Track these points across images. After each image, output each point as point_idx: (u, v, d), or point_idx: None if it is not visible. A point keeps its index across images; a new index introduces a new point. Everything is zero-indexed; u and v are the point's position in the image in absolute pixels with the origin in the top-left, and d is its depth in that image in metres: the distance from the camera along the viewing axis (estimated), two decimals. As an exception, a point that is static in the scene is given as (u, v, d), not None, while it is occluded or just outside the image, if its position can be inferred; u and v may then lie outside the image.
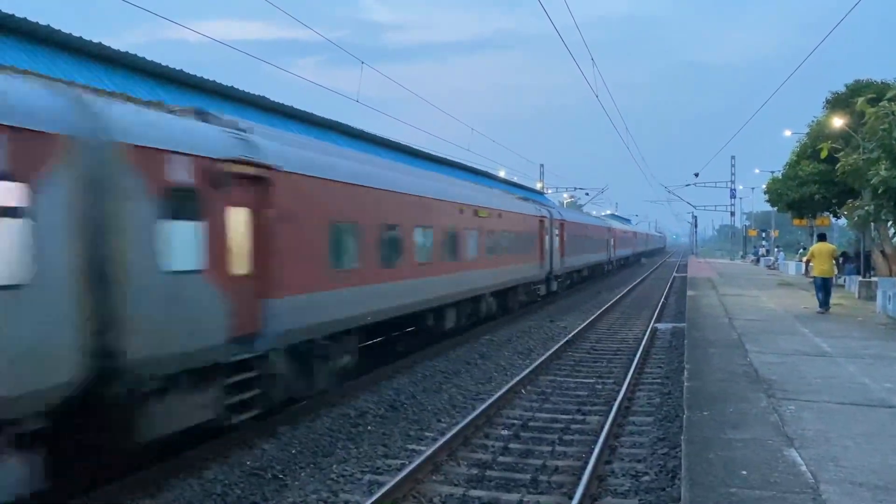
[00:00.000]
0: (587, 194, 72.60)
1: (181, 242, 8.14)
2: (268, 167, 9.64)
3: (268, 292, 9.61)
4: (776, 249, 63.26)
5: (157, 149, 7.87)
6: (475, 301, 20.29)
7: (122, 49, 12.94)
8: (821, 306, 19.83)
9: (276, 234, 9.77)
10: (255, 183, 9.41)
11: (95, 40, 12.07)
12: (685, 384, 10.44)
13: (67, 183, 6.72)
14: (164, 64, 13.91)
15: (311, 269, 10.80)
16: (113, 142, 7.30)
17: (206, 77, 15.24)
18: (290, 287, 10.17)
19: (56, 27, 11.39)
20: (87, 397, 7.06)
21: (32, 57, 11.09)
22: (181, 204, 8.12)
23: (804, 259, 23.20)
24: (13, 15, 10.73)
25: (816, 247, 20.39)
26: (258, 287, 9.45)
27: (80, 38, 11.69)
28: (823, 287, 19.82)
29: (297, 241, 10.39)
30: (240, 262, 9.16)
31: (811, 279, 21.02)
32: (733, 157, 72.02)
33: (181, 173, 8.14)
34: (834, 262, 20.68)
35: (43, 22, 11.16)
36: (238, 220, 9.13)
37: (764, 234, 70.43)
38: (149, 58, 13.56)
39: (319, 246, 11.17)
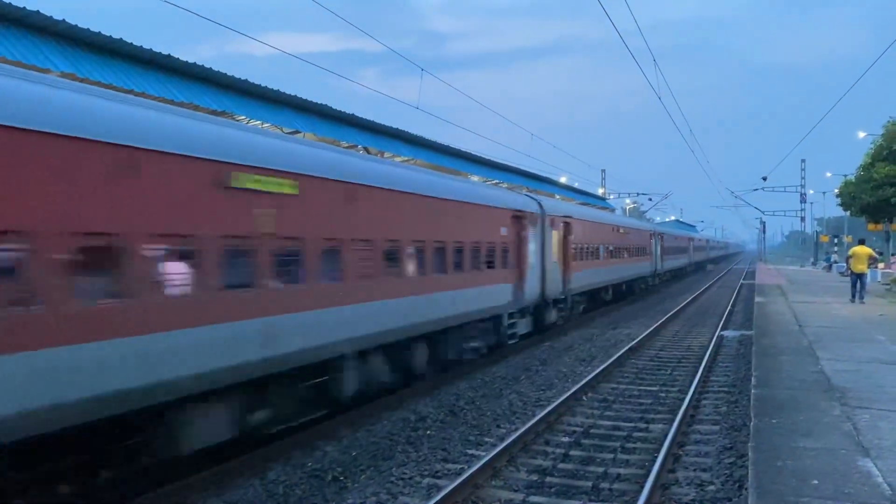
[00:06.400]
0: (650, 200, 71.19)
1: (553, 249, 20.91)
2: (570, 217, 23.28)
3: (566, 272, 22.32)
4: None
5: (554, 215, 21.31)
6: (627, 283, 34.67)
7: (191, 61, 13.31)
8: (853, 298, 24.03)
9: (570, 246, 22.91)
10: (566, 224, 22.52)
11: (164, 52, 12.47)
12: (753, 391, 10.13)
13: (538, 229, 19.52)
14: (230, 74, 14.27)
15: (576, 262, 23.67)
16: (545, 214, 20.18)
17: (270, 87, 15.55)
18: (571, 269, 22.90)
19: (128, 40, 11.82)
20: (538, 306, 20.05)
21: (112, 69, 11.54)
22: (554, 234, 21.01)
23: (846, 258, 27.47)
24: (99, 32, 11.24)
25: (856, 248, 25.18)
26: (564, 268, 22.19)
27: (151, 50, 12.09)
28: (859, 282, 24.30)
29: (575, 249, 23.74)
30: (560, 257, 21.77)
31: (849, 274, 25.59)
32: (803, 161, 69.66)
33: (557, 223, 21.43)
34: (868, 260, 25.00)
35: (116, 36, 11.60)
36: (559, 240, 21.69)
37: (836, 240, 67.91)
38: (216, 69, 13.93)
39: (581, 251, 24.71)
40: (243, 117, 14.80)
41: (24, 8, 10.24)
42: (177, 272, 7.53)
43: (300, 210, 9.48)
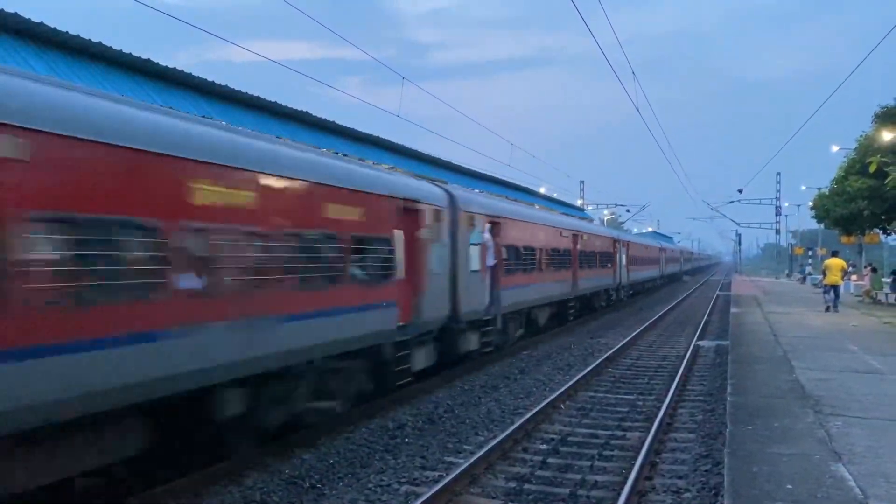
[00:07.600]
0: (628, 211, 71.75)
1: None
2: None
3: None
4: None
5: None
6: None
7: (170, 67, 13.23)
8: (831, 307, 25.25)
9: None
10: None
11: (144, 56, 12.40)
12: (728, 399, 10.25)
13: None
14: (210, 80, 14.20)
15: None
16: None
17: (250, 93, 15.50)
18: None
19: (108, 44, 11.73)
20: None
21: (90, 72, 11.44)
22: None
23: (821, 270, 29.50)
24: (78, 35, 11.14)
25: (830, 261, 26.60)
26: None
27: (130, 54, 12.01)
28: (834, 292, 25.63)
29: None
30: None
31: (824, 286, 26.86)
32: (778, 174, 70.83)
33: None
34: (842, 272, 26.52)
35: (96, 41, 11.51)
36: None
37: (810, 252, 68.85)
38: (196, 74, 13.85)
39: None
40: (224, 122, 14.74)
41: (2, 9, 10.14)
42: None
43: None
